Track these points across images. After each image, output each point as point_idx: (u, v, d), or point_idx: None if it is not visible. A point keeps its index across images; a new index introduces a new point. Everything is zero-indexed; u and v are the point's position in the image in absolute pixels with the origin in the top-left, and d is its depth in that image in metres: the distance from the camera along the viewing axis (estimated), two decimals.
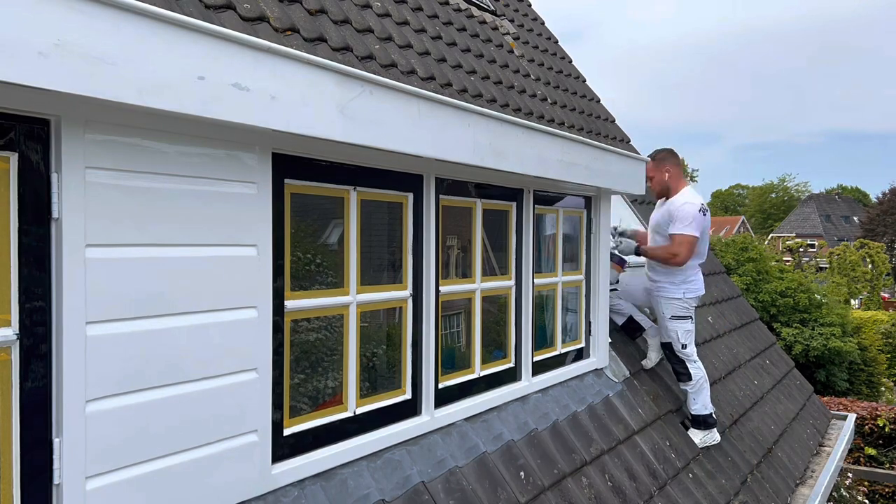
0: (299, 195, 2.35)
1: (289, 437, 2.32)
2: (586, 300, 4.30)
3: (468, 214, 3.23)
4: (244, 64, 1.85)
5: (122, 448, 1.80)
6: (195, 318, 1.97)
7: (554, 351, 3.95)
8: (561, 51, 7.52)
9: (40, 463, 1.67)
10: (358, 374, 2.61)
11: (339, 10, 3.90)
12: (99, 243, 1.74)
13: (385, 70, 3.90)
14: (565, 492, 3.24)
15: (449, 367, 3.14)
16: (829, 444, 6.39)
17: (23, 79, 1.41)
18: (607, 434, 3.83)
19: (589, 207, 4.29)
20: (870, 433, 9.50)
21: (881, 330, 16.80)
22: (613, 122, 7.58)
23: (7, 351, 1.61)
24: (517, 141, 3.06)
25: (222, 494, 2.06)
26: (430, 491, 2.65)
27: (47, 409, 1.68)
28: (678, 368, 4.56)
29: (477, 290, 3.28)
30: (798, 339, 13.79)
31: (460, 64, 4.86)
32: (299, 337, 2.39)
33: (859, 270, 34.67)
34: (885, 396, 14.82)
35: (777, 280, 14.78)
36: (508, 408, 3.40)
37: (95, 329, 1.73)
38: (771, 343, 7.50)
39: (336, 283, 2.53)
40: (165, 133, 1.87)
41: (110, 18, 1.54)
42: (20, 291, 1.62)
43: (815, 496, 4.98)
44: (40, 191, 1.64)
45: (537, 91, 5.90)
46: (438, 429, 2.94)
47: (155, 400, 1.87)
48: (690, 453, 4.40)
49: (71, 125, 1.67)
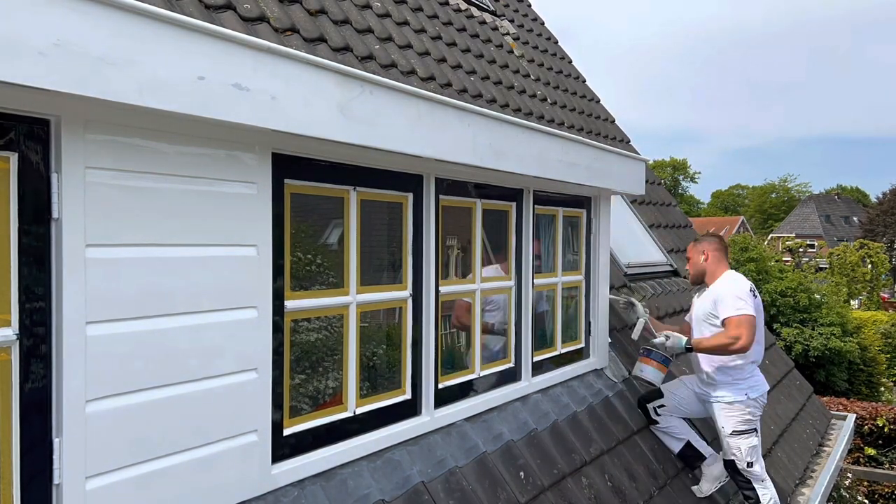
0: (299, 195, 2.35)
1: (289, 437, 2.32)
2: (586, 300, 4.30)
3: (468, 214, 3.23)
4: (244, 64, 1.85)
5: (122, 448, 1.80)
6: (195, 319, 1.97)
7: (554, 351, 3.95)
8: (561, 51, 7.53)
9: (40, 463, 1.67)
10: (358, 374, 2.61)
11: (339, 10, 3.91)
12: (99, 243, 1.74)
13: (385, 70, 3.90)
14: (565, 492, 3.24)
15: (449, 367, 3.14)
16: (829, 444, 6.39)
17: (23, 79, 1.41)
18: (607, 434, 3.83)
19: (589, 207, 4.29)
20: (869, 433, 9.49)
21: (881, 330, 16.80)
22: (613, 123, 7.59)
23: (7, 351, 1.61)
24: (517, 141, 3.06)
25: (222, 494, 2.06)
26: (430, 491, 2.65)
27: (47, 409, 1.68)
28: (744, 489, 3.98)
29: (477, 290, 3.28)
30: (798, 339, 13.79)
31: (460, 64, 4.86)
32: (299, 337, 2.39)
33: (859, 271, 34.66)
34: (884, 396, 14.81)
35: (777, 280, 14.78)
36: (508, 408, 3.40)
37: (95, 329, 1.73)
38: (771, 343, 7.50)
39: (336, 283, 2.54)
40: (165, 133, 1.87)
41: (110, 18, 1.54)
42: (20, 291, 1.62)
43: (815, 496, 4.98)
44: (40, 191, 1.64)
45: (537, 91, 5.91)
46: (438, 429, 2.94)
47: (155, 400, 1.87)
48: None
49: (71, 125, 1.67)
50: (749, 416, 3.91)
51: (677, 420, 4.15)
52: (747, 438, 3.89)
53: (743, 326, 3.74)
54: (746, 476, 3.92)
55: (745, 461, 3.89)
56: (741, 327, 3.74)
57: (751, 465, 3.90)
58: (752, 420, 3.92)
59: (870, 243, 38.46)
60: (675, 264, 6.49)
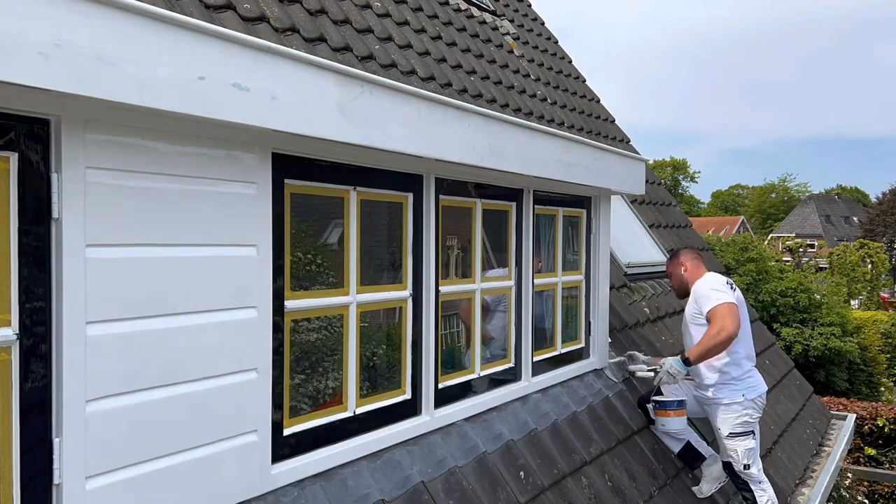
0: (299, 195, 2.35)
1: (289, 437, 2.32)
2: (586, 300, 4.30)
3: (468, 214, 3.23)
4: (244, 64, 1.85)
5: (121, 448, 1.80)
6: (195, 318, 1.97)
7: (554, 351, 3.95)
8: (561, 51, 7.53)
9: (40, 463, 1.67)
10: (358, 374, 2.61)
11: (339, 10, 3.91)
12: (99, 243, 1.73)
13: (385, 70, 3.90)
14: (565, 492, 3.24)
15: (449, 367, 3.14)
16: (829, 444, 6.39)
17: (23, 79, 1.41)
18: (607, 434, 3.83)
19: (589, 207, 4.29)
20: (869, 433, 9.50)
21: (881, 330, 16.81)
22: (613, 123, 7.59)
23: (7, 351, 1.61)
24: (517, 141, 3.06)
25: (222, 494, 2.06)
26: (430, 491, 2.65)
27: (47, 409, 1.68)
28: (741, 490, 4.02)
29: (477, 290, 3.28)
30: (798, 339, 13.80)
31: (460, 64, 4.86)
32: (299, 337, 2.39)
33: (859, 271, 34.66)
34: (884, 396, 14.81)
35: (777, 280, 14.79)
36: (508, 408, 3.40)
37: (95, 329, 1.73)
38: (771, 343, 7.50)
39: (336, 283, 2.53)
40: (165, 133, 1.87)
41: (110, 18, 1.54)
42: (20, 291, 1.62)
43: (815, 496, 4.98)
44: (40, 191, 1.64)
45: (537, 91, 5.91)
46: (438, 429, 2.94)
47: (155, 400, 1.87)
48: None
49: (71, 125, 1.67)
50: (747, 418, 3.91)
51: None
52: (744, 441, 3.89)
53: (725, 315, 3.75)
54: (744, 478, 3.94)
55: (742, 463, 3.90)
56: (723, 317, 3.75)
57: (747, 468, 3.90)
58: (749, 422, 3.92)
59: (870, 243, 38.48)
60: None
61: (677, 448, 4.16)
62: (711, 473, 4.10)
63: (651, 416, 4.15)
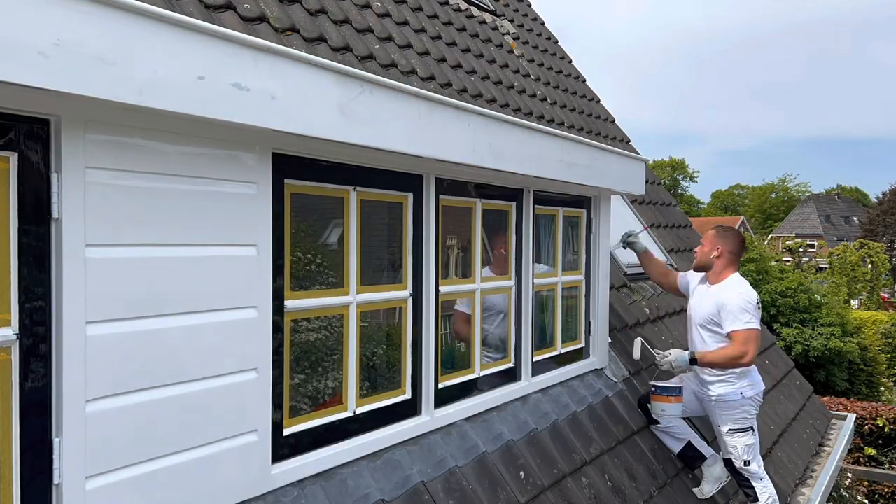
0: (299, 195, 2.35)
1: (289, 437, 2.32)
2: (586, 300, 4.30)
3: (468, 214, 3.23)
4: (244, 64, 1.85)
5: (121, 448, 1.80)
6: (195, 318, 1.97)
7: (554, 351, 3.95)
8: (561, 51, 7.53)
9: (40, 463, 1.67)
10: (358, 374, 2.61)
11: (339, 10, 3.90)
12: (99, 243, 1.73)
13: (385, 70, 3.90)
14: (565, 492, 3.24)
15: (449, 367, 3.14)
16: (829, 444, 6.40)
17: (23, 79, 1.41)
18: (607, 434, 3.83)
19: (589, 207, 4.29)
20: (869, 433, 9.50)
21: (881, 330, 16.82)
22: (613, 123, 7.59)
23: (7, 351, 1.61)
24: (517, 141, 3.06)
25: (222, 494, 2.06)
26: (430, 491, 2.65)
27: (47, 409, 1.68)
28: (743, 487, 4.03)
29: (477, 290, 3.28)
30: (798, 339, 13.80)
31: (460, 64, 4.86)
32: (299, 337, 2.39)
33: (859, 271, 34.65)
34: (884, 396, 14.82)
35: (777, 280, 14.80)
36: (508, 408, 3.40)
37: (95, 329, 1.73)
38: (771, 343, 7.50)
39: (336, 283, 2.53)
40: (165, 133, 1.87)
41: (110, 18, 1.54)
42: (20, 291, 1.62)
43: (815, 496, 4.98)
44: (40, 191, 1.64)
45: (537, 91, 5.91)
46: (438, 429, 2.94)
47: (155, 400, 1.87)
48: None
49: (71, 125, 1.67)
50: (745, 414, 3.93)
51: (678, 420, 4.12)
52: (744, 437, 3.91)
53: (750, 342, 3.76)
54: (744, 475, 3.96)
55: (742, 459, 3.92)
56: (749, 343, 3.75)
57: (748, 464, 3.92)
58: (748, 418, 3.94)
59: (870, 243, 38.47)
60: (676, 264, 6.48)
61: (678, 448, 4.16)
62: (712, 474, 4.11)
63: (651, 416, 4.15)
